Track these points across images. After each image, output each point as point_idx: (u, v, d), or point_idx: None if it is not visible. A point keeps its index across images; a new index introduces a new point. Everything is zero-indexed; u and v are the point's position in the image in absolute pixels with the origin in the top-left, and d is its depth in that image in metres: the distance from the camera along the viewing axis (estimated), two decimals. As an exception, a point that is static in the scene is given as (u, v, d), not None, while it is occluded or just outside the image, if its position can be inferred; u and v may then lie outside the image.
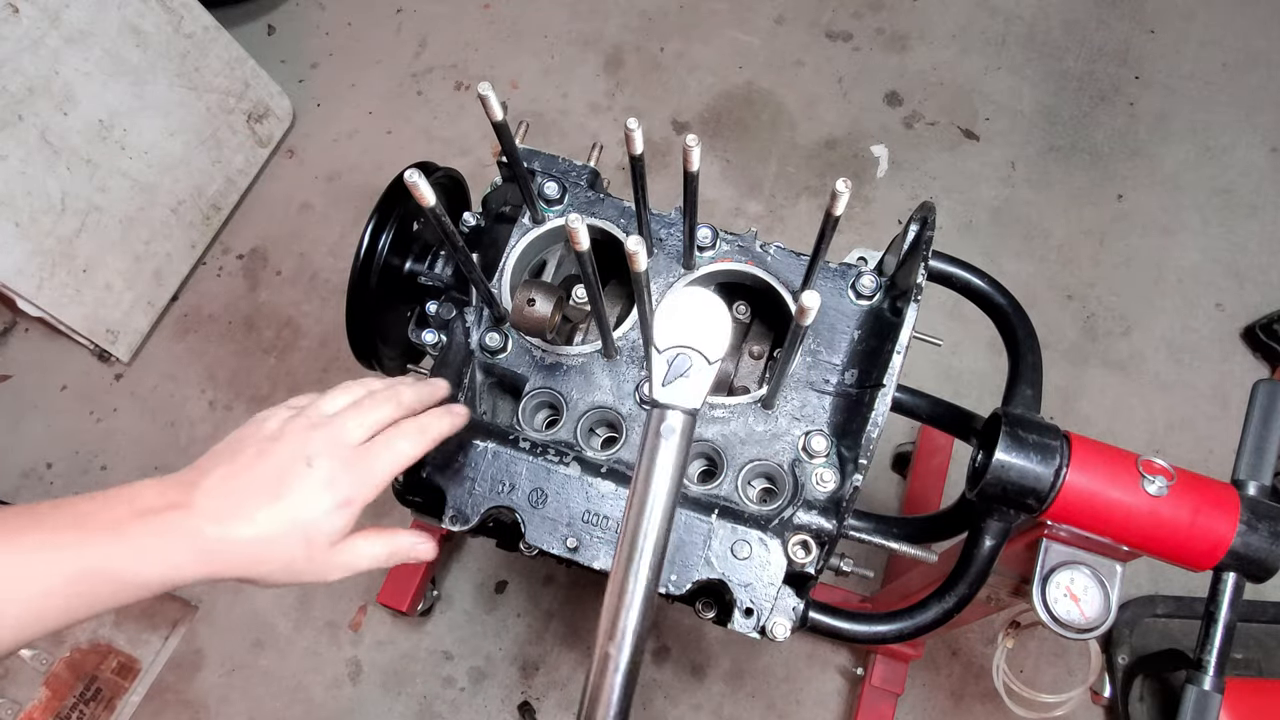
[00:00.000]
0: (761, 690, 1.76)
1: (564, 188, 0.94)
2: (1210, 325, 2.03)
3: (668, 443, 0.54)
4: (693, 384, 0.55)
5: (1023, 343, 0.90)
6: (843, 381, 0.87)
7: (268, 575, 0.61)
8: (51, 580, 0.52)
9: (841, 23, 2.38)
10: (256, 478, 0.61)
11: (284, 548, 0.60)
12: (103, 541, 0.54)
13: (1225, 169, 2.18)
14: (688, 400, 0.55)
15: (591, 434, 0.89)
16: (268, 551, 0.60)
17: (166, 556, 0.56)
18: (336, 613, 1.85)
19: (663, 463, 0.54)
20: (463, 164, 2.23)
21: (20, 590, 0.51)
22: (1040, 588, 0.85)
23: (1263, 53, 2.31)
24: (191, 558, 0.57)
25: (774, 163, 2.23)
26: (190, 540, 0.57)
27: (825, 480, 0.83)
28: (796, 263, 0.92)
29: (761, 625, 0.79)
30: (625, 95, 2.33)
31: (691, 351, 0.56)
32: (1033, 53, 2.33)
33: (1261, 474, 0.83)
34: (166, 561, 0.56)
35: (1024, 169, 2.20)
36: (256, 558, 0.60)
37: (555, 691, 1.77)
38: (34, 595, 0.52)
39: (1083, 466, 0.79)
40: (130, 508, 0.56)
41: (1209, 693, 0.77)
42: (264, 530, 0.59)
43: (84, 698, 1.65)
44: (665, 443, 0.54)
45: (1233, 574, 0.79)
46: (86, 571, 0.53)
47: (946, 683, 1.75)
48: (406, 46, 2.41)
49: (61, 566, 0.52)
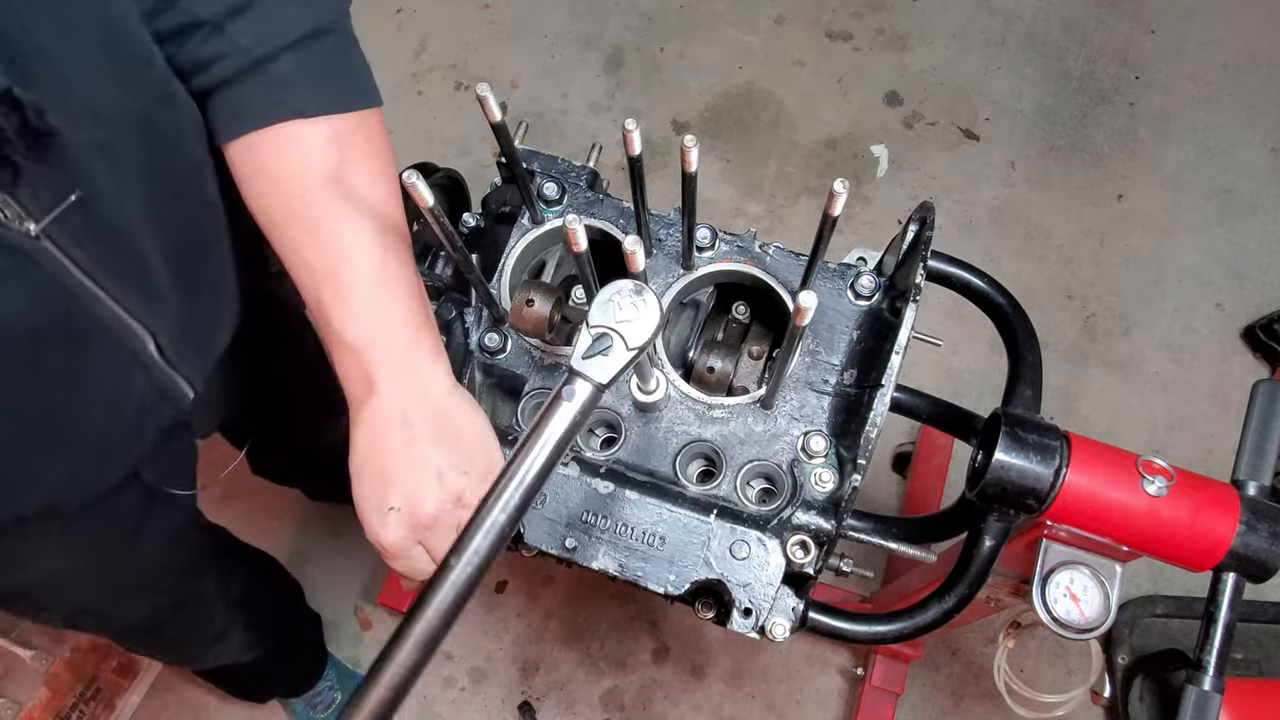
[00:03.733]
0: (761, 690, 1.76)
1: (563, 188, 0.94)
2: (1210, 325, 2.03)
3: (568, 405, 0.59)
4: (609, 362, 0.60)
5: (1023, 343, 0.90)
6: (842, 382, 0.87)
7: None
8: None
9: (841, 23, 2.38)
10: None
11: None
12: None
13: (1225, 169, 2.18)
14: (598, 375, 0.60)
15: (591, 434, 0.89)
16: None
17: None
18: (336, 613, 1.85)
19: (558, 421, 0.59)
20: (463, 164, 2.23)
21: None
22: (1040, 588, 0.85)
23: (1263, 53, 2.30)
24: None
25: (774, 163, 2.23)
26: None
27: (824, 480, 0.83)
28: (795, 263, 0.92)
29: (760, 625, 0.79)
30: (625, 95, 2.33)
31: (615, 335, 0.60)
32: (1033, 53, 2.32)
33: (1261, 474, 0.83)
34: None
35: (1024, 169, 2.20)
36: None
37: (555, 691, 1.77)
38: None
39: (1082, 467, 0.79)
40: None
41: (1209, 693, 0.77)
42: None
43: (84, 698, 1.65)
44: (565, 405, 0.59)
45: (1232, 574, 0.79)
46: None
47: (946, 683, 1.75)
48: (406, 46, 2.41)
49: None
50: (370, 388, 0.71)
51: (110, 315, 0.70)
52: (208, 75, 0.70)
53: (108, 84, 0.62)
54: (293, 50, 0.70)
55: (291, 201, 0.71)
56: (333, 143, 0.72)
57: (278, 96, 0.70)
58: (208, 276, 0.85)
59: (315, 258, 0.71)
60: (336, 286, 0.71)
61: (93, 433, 0.76)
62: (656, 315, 0.60)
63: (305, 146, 0.71)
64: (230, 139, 0.72)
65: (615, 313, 0.60)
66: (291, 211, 0.71)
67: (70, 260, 0.64)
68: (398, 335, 0.72)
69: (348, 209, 0.71)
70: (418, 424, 0.71)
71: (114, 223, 0.67)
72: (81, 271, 0.66)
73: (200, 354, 0.85)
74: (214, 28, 0.68)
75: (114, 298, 0.70)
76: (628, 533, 0.81)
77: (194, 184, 0.77)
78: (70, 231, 0.63)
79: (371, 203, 0.72)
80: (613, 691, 1.77)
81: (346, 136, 0.73)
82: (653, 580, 0.80)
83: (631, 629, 1.81)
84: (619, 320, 0.60)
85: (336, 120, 0.72)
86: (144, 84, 0.66)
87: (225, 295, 0.89)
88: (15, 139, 0.54)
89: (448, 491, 0.71)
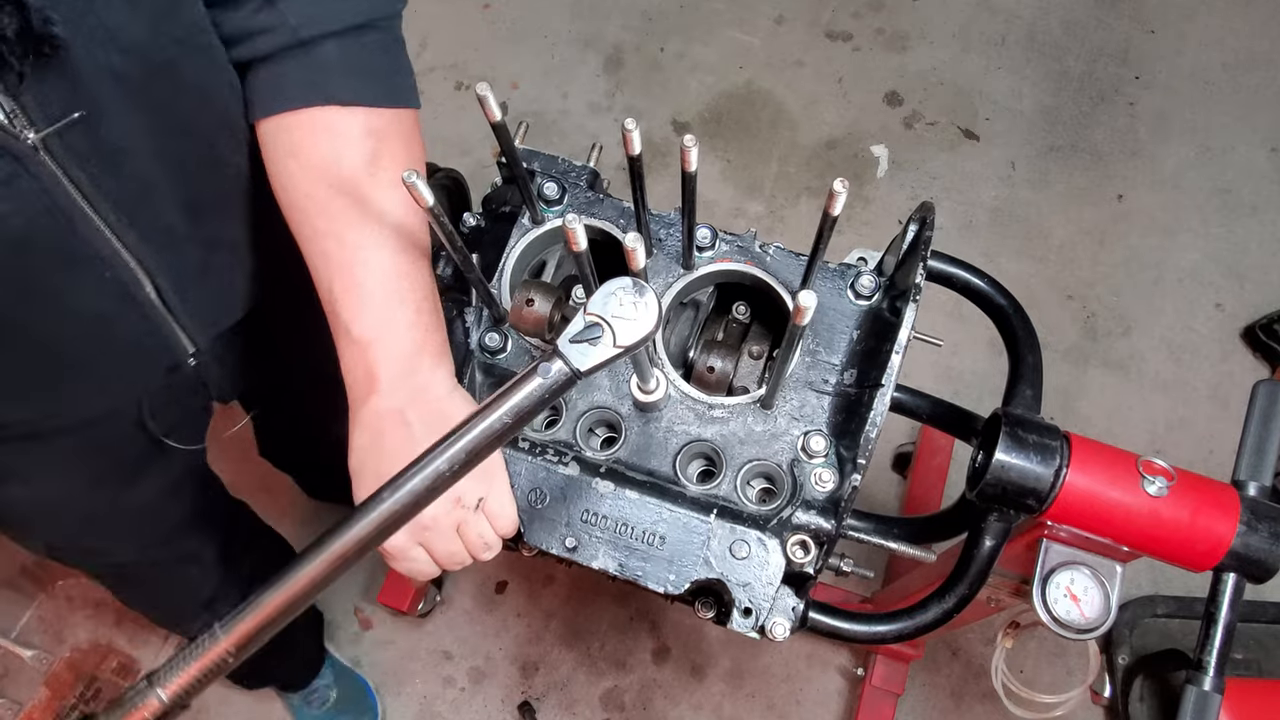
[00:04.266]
0: (761, 690, 1.76)
1: (564, 188, 0.94)
2: (1210, 325, 2.03)
3: (540, 381, 0.58)
4: (594, 352, 0.59)
5: (1023, 343, 0.90)
6: (842, 381, 0.87)
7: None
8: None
9: (841, 23, 2.38)
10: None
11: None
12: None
13: (1225, 169, 2.18)
14: (579, 361, 0.59)
15: (591, 434, 0.89)
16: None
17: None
18: (336, 612, 1.85)
19: (525, 393, 0.58)
20: (463, 164, 2.23)
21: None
22: (1040, 588, 0.85)
23: (1263, 53, 2.30)
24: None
25: (774, 163, 2.23)
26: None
27: (824, 480, 0.83)
28: (796, 263, 0.92)
29: (760, 625, 0.79)
30: (625, 95, 2.33)
31: (608, 327, 0.60)
32: (1033, 53, 2.32)
33: (1261, 474, 0.83)
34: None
35: (1024, 169, 2.20)
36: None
37: (555, 692, 1.77)
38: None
39: (1083, 467, 0.79)
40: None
41: (1209, 693, 0.77)
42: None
43: (84, 698, 1.65)
44: (537, 380, 0.58)
45: (1233, 574, 0.79)
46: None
47: (946, 683, 1.75)
48: (407, 46, 2.41)
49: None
50: (372, 385, 0.71)
51: (105, 245, 0.70)
52: (251, 46, 0.70)
53: (130, 15, 0.62)
54: (339, 38, 0.70)
55: (318, 188, 0.71)
56: (368, 136, 0.72)
57: (318, 80, 0.70)
58: (225, 235, 0.84)
59: (333, 249, 0.71)
60: (349, 280, 0.71)
61: (76, 358, 0.76)
62: (653, 320, 0.60)
63: (339, 135, 0.71)
64: (266, 115, 0.72)
65: (615, 306, 0.60)
66: (316, 198, 0.71)
67: (69, 179, 0.64)
68: (404, 335, 0.72)
69: (372, 205, 0.71)
70: (416, 425, 0.71)
71: (122, 152, 0.67)
72: (80, 194, 0.65)
73: (207, 312, 0.84)
74: (265, 1, 0.68)
75: (112, 229, 0.69)
76: (628, 532, 0.81)
77: (221, 140, 0.76)
78: (72, 150, 0.63)
79: (396, 202, 0.72)
80: (613, 691, 1.77)
81: (381, 132, 0.72)
82: (653, 580, 0.80)
83: (631, 629, 1.81)
84: (615, 315, 0.60)
85: (374, 115, 0.72)
86: (172, 25, 0.65)
87: (241, 260, 0.87)
88: (14, 40, 0.54)
89: (447, 493, 0.71)
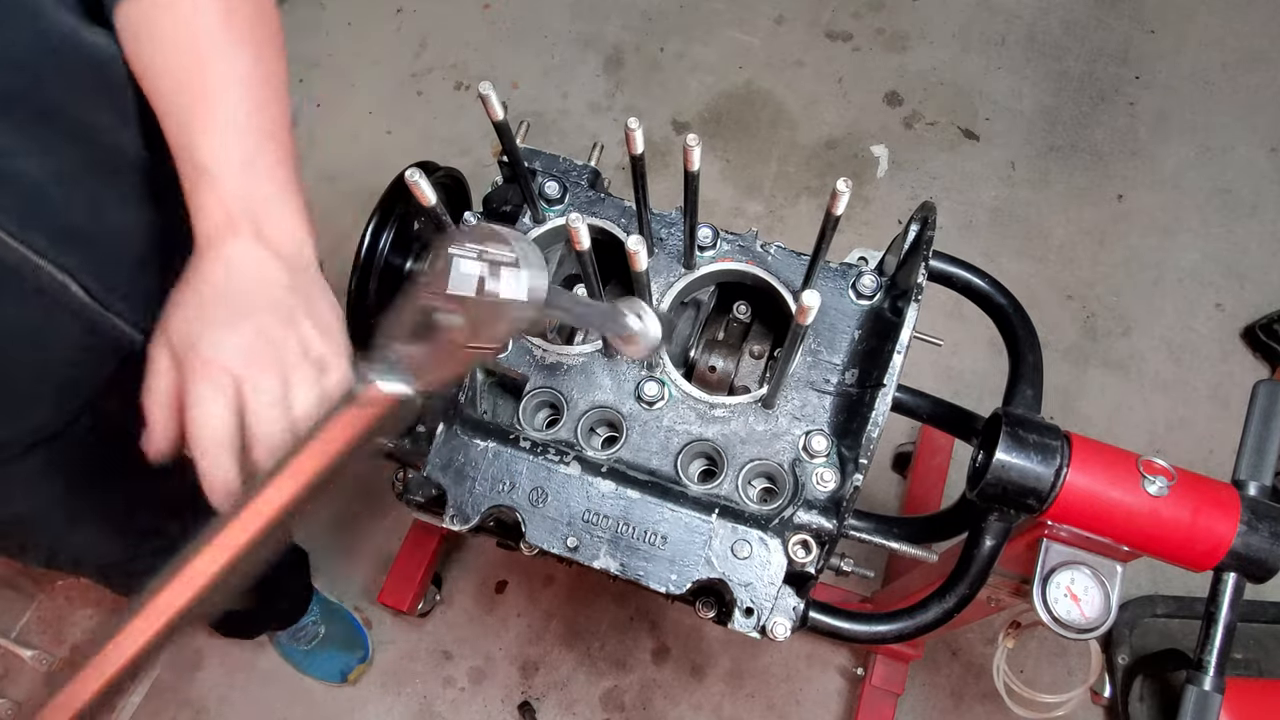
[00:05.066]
0: (761, 690, 1.76)
1: (564, 187, 0.94)
2: (1210, 325, 2.03)
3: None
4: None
5: (1023, 343, 0.90)
6: (843, 381, 0.87)
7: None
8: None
9: (841, 23, 2.38)
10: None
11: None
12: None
13: (1225, 169, 2.18)
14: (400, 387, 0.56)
15: (592, 433, 0.89)
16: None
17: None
18: (336, 612, 1.85)
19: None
20: (463, 164, 2.21)
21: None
22: (1040, 588, 0.85)
23: (1263, 53, 2.30)
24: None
25: (774, 163, 2.23)
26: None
27: (825, 480, 0.83)
28: (797, 262, 0.92)
29: (761, 625, 0.79)
30: (625, 95, 2.33)
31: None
32: (1033, 53, 2.33)
33: (1262, 474, 0.83)
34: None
35: (1024, 169, 2.20)
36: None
37: (555, 691, 1.77)
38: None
39: (1083, 467, 0.79)
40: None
41: (1209, 693, 0.77)
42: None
43: (84, 697, 1.65)
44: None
45: (1233, 574, 0.79)
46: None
47: (946, 683, 1.75)
48: (406, 46, 2.41)
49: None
50: (232, 226, 0.67)
51: (19, 258, 0.69)
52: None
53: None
54: None
55: (178, 51, 0.70)
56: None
57: None
58: (134, 218, 0.82)
59: (192, 94, 0.69)
60: (209, 118, 0.68)
61: (21, 375, 0.76)
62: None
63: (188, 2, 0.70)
64: (118, 1, 0.71)
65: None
66: (177, 64, 0.70)
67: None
68: (273, 174, 0.71)
69: (230, 47, 0.70)
70: (288, 280, 0.67)
71: (10, 164, 0.66)
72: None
73: (139, 294, 0.82)
74: None
75: (17, 239, 0.69)
76: (629, 532, 0.81)
77: (117, 128, 0.76)
78: None
79: (254, 43, 0.72)
80: (613, 691, 1.77)
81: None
82: (654, 579, 0.80)
83: (631, 629, 1.81)
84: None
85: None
86: (40, 40, 0.66)
87: (157, 231, 0.84)
88: None
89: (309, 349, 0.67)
